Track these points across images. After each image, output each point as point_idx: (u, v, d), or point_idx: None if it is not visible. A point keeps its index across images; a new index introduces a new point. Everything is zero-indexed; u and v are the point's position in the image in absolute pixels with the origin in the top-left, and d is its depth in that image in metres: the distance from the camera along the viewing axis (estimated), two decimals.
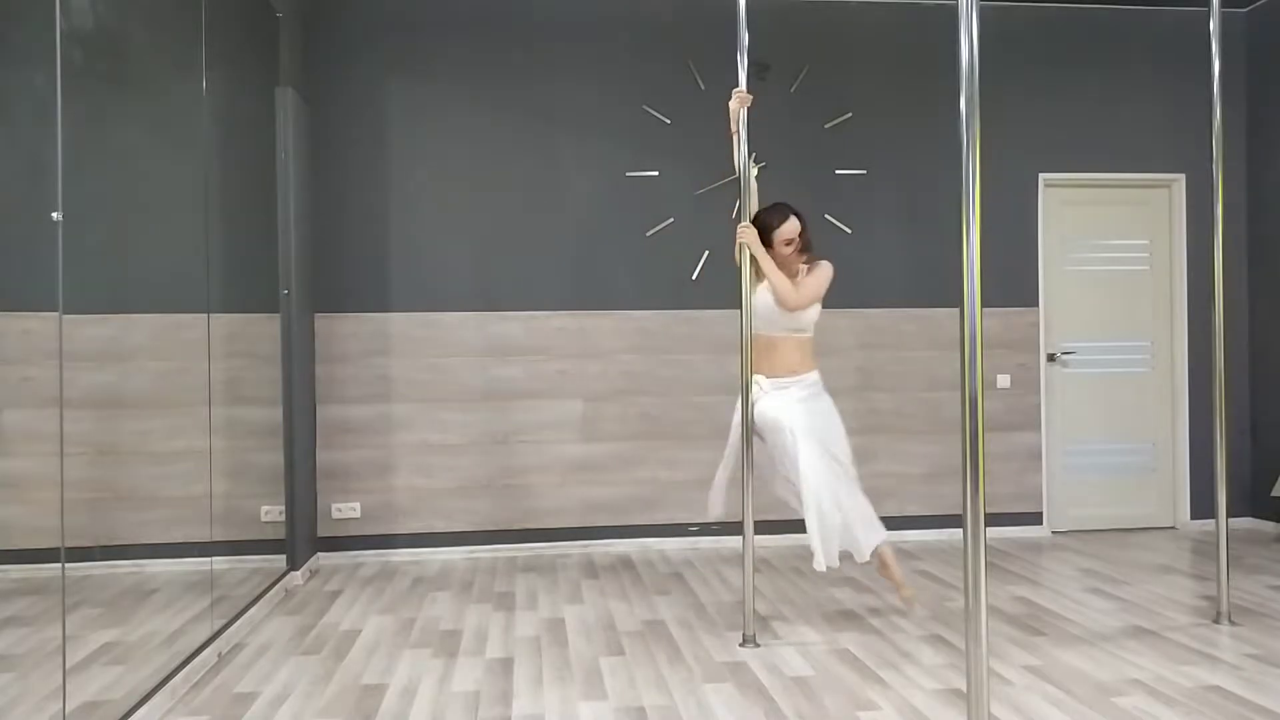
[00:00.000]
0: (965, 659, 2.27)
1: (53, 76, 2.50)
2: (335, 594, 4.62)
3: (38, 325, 2.52)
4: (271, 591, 4.38)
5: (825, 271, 4.01)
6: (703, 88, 5.52)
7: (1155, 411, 5.97)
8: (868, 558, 3.89)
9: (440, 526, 5.40)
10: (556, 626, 4.04)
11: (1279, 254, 5.82)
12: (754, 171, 3.91)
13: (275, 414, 4.66)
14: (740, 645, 3.72)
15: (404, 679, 3.40)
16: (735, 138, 3.87)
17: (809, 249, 4.07)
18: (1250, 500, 5.96)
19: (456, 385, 5.43)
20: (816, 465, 3.82)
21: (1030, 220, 5.83)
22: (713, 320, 5.56)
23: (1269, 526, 5.82)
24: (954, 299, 5.65)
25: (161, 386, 3.34)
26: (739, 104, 3.84)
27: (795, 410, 3.90)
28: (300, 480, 4.88)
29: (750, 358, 3.83)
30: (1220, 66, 3.99)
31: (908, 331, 5.74)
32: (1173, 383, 5.97)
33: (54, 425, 2.49)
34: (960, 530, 2.71)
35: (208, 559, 3.62)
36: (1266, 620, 3.96)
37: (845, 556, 3.97)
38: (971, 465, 2.26)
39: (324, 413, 5.32)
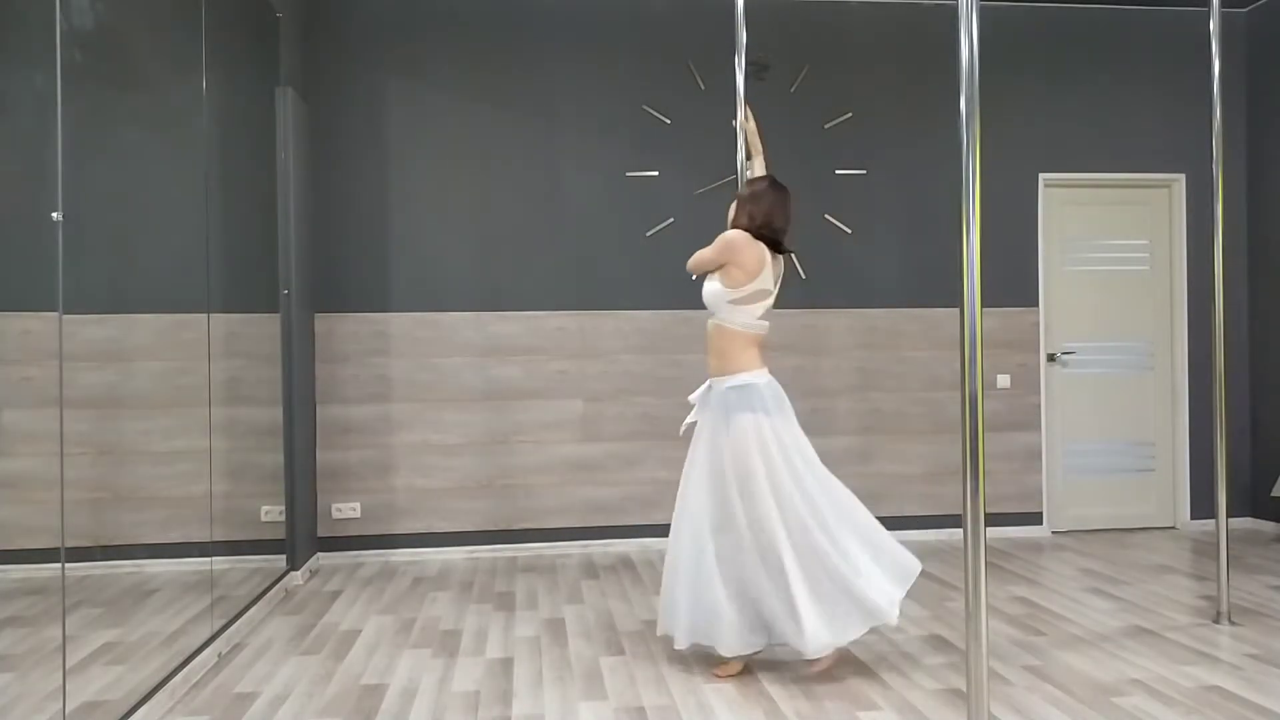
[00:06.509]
0: (965, 659, 2.27)
1: (53, 76, 2.50)
2: (335, 594, 4.62)
3: (38, 325, 2.52)
4: (271, 591, 4.38)
5: (718, 240, 3.42)
6: (702, 88, 5.52)
7: (1155, 411, 5.97)
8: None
9: (440, 526, 5.40)
10: (556, 626, 4.04)
11: (1279, 254, 5.82)
12: (744, 118, 3.84)
13: (275, 414, 4.66)
14: None
15: (404, 679, 3.40)
16: (744, 133, 3.83)
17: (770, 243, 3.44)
18: (1250, 500, 5.96)
19: (456, 385, 5.43)
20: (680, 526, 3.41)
21: (1030, 220, 5.83)
22: None
23: (1269, 526, 5.82)
24: (954, 299, 5.65)
25: (161, 386, 3.34)
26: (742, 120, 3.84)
27: (699, 435, 3.48)
28: (300, 480, 4.88)
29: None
30: (1220, 66, 4.00)
31: (908, 331, 5.74)
32: (1173, 383, 5.97)
33: (54, 425, 2.49)
34: (960, 530, 2.71)
35: (208, 559, 3.62)
36: (1266, 620, 3.96)
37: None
38: (971, 465, 2.26)
39: (324, 413, 5.32)
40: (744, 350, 3.37)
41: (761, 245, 3.39)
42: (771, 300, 3.45)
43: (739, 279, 3.35)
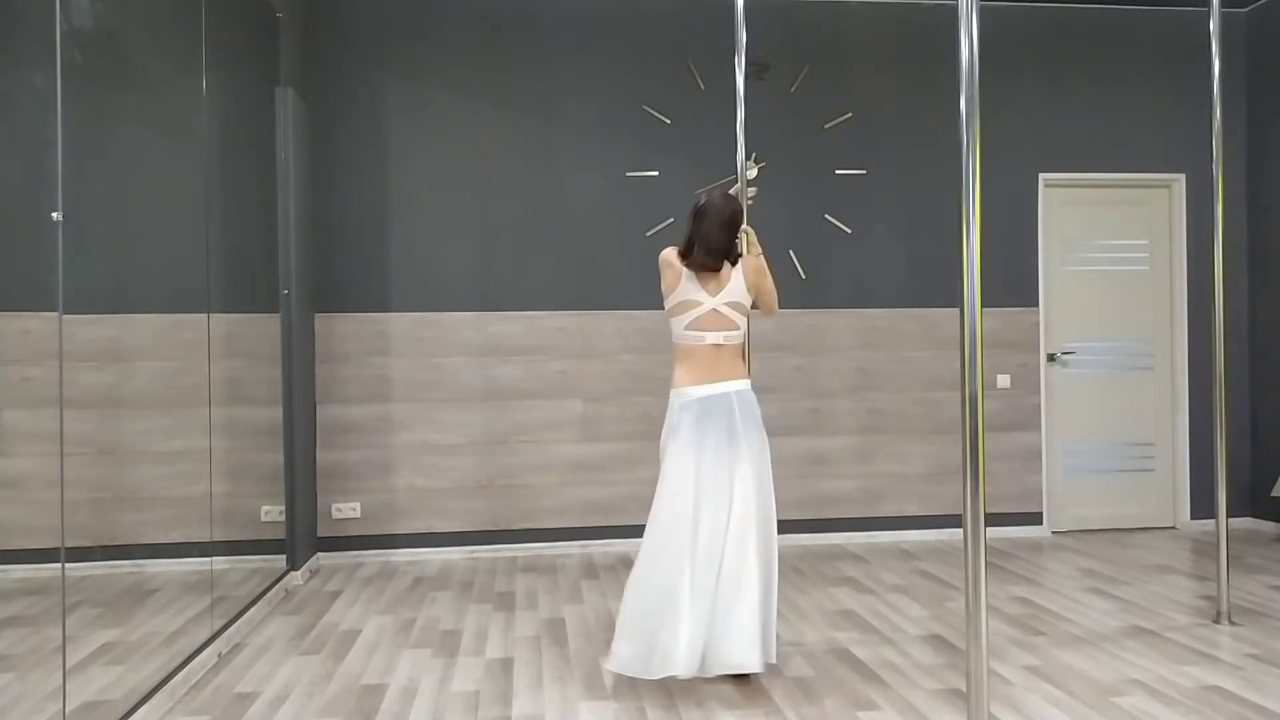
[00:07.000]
0: (965, 659, 2.27)
1: (53, 76, 2.50)
2: (335, 594, 4.62)
3: (38, 325, 2.52)
4: (271, 591, 4.38)
5: None
6: (702, 88, 5.52)
7: (1155, 411, 5.97)
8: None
9: (440, 526, 5.40)
10: (556, 626, 4.04)
11: (1279, 254, 5.82)
12: (753, 172, 3.85)
13: (275, 414, 4.66)
14: None
15: (404, 679, 3.40)
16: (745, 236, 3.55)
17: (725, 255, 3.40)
18: (1250, 500, 5.96)
19: (456, 385, 5.43)
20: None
21: (1030, 220, 5.83)
22: None
23: (1269, 526, 5.82)
24: (954, 299, 5.65)
25: (161, 386, 3.34)
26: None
27: None
28: (300, 480, 4.88)
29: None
30: (1220, 66, 4.00)
31: (908, 331, 5.74)
32: (1173, 383, 5.97)
33: (54, 425, 2.49)
34: (960, 530, 2.72)
35: (208, 559, 3.62)
36: (1266, 620, 3.96)
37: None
38: (971, 465, 2.26)
39: (324, 413, 5.32)
40: (678, 362, 3.41)
41: (679, 261, 3.37)
42: (708, 309, 3.34)
43: (665, 293, 3.43)
